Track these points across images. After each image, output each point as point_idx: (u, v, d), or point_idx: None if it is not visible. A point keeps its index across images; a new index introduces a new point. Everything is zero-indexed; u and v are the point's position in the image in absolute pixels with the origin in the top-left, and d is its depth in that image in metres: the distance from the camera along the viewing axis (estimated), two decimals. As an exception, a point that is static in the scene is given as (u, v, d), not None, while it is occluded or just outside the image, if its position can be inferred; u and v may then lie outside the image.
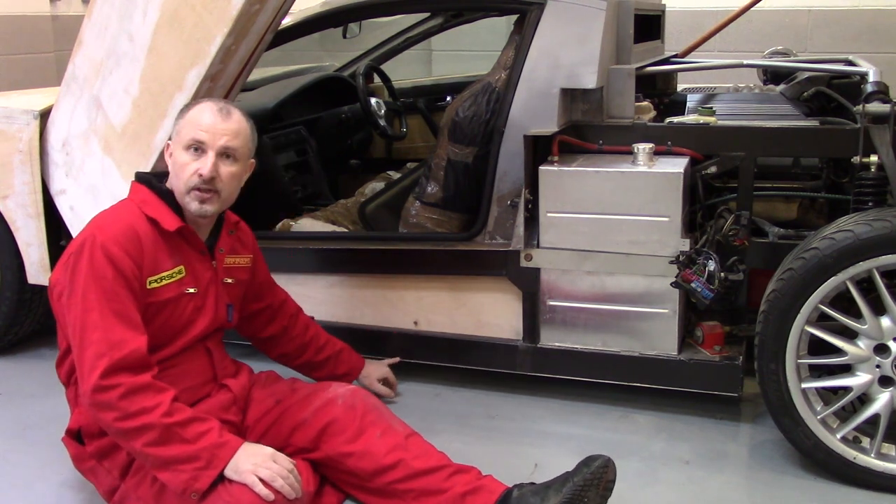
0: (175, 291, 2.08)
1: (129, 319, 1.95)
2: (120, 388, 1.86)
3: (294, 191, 3.58)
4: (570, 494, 1.98)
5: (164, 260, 2.06)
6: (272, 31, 2.55)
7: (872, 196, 2.38)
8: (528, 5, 2.69)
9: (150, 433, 1.86)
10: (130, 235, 2.00)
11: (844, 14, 5.04)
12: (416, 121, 4.13)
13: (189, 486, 1.86)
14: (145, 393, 1.88)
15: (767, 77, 3.64)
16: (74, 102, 2.71)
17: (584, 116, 2.72)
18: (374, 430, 2.12)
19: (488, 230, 2.70)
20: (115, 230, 2.00)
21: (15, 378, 3.03)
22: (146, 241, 2.03)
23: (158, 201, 2.10)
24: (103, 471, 2.09)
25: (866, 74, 2.62)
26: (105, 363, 1.87)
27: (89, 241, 1.97)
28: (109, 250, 1.96)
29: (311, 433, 2.15)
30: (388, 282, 2.88)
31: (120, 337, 1.91)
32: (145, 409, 1.86)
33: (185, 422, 1.89)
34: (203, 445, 1.88)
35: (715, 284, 2.42)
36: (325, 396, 2.21)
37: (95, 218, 2.08)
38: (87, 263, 1.95)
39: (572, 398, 2.78)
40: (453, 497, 2.02)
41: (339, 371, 2.61)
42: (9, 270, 3.06)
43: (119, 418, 1.86)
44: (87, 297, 1.93)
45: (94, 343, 1.90)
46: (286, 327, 2.51)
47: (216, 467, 1.87)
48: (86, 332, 1.91)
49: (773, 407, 2.32)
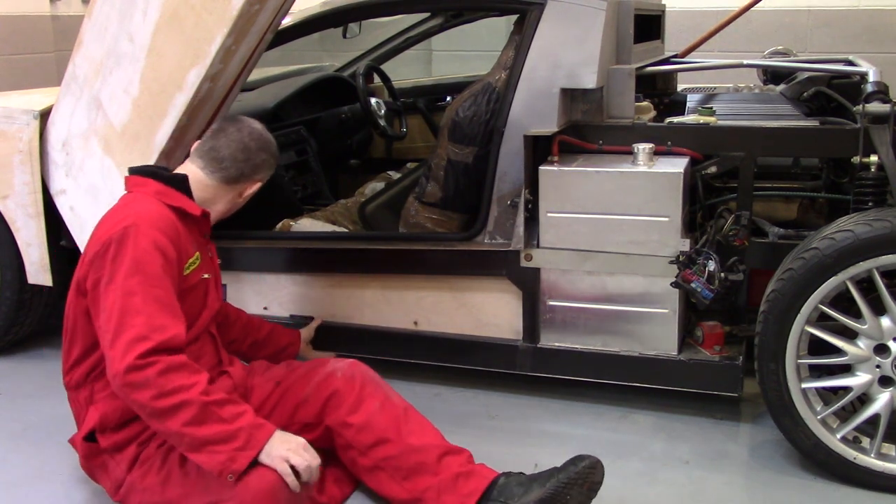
0: (197, 277, 2.14)
1: (171, 307, 1.97)
2: (158, 365, 1.86)
3: (294, 191, 3.58)
4: (553, 490, 2.01)
5: (190, 247, 2.11)
6: (272, 31, 2.55)
7: (872, 196, 2.38)
8: (528, 5, 2.69)
9: (187, 411, 1.84)
10: (169, 222, 2.04)
11: (844, 14, 5.04)
12: (416, 121, 4.13)
13: (226, 467, 1.85)
14: (182, 371, 1.88)
15: (767, 77, 3.64)
16: (74, 102, 2.71)
17: (584, 116, 2.71)
18: (373, 402, 2.17)
19: (488, 230, 2.70)
20: (155, 217, 2.02)
21: (15, 378, 3.04)
22: (178, 228, 2.07)
23: (173, 191, 2.13)
24: (113, 464, 2.10)
25: (866, 74, 2.62)
26: (146, 346, 1.86)
27: (132, 228, 1.98)
28: (155, 236, 1.98)
29: (315, 408, 2.20)
30: (388, 282, 2.88)
31: (161, 322, 1.91)
32: (183, 387, 1.86)
33: (222, 402, 1.89)
34: (240, 425, 1.88)
35: (715, 284, 2.42)
36: (323, 371, 2.25)
37: (124, 209, 2.07)
38: (131, 249, 1.95)
39: (572, 398, 2.78)
40: (447, 478, 2.06)
41: (283, 342, 2.64)
42: (9, 270, 3.06)
43: (156, 396, 1.85)
44: (129, 282, 1.93)
45: (135, 326, 1.89)
46: (227, 313, 2.54)
47: (254, 447, 1.87)
48: (126, 316, 1.90)
49: (773, 407, 2.32)
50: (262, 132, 2.26)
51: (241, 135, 2.21)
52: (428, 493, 2.07)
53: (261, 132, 2.26)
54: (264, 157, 2.24)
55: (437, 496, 2.06)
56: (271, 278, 3.01)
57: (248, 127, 2.24)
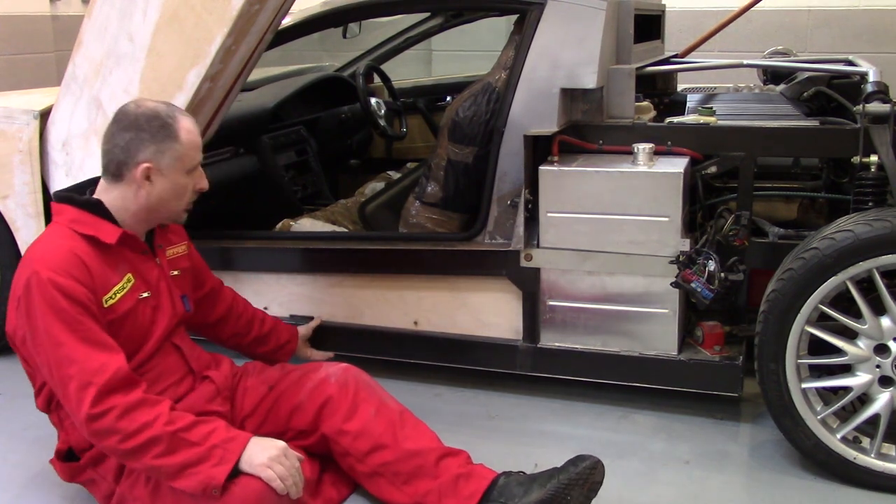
0: (131, 301, 2.04)
1: (101, 343, 1.91)
2: (115, 411, 1.84)
3: (294, 191, 3.58)
4: (554, 491, 2.00)
5: (111, 274, 2.01)
6: (272, 31, 2.55)
7: (872, 196, 2.38)
8: (528, 5, 2.69)
9: (157, 446, 1.84)
10: (73, 260, 1.93)
11: (844, 14, 5.04)
12: (416, 121, 4.13)
13: (207, 484, 1.84)
14: (141, 408, 1.86)
15: (767, 77, 3.64)
16: (74, 102, 2.71)
17: (584, 116, 2.71)
18: (368, 407, 2.16)
19: (488, 230, 2.70)
20: (56, 259, 1.92)
21: (15, 378, 3.02)
22: (89, 261, 1.96)
23: (89, 216, 2.01)
24: (99, 477, 2.09)
25: (866, 74, 2.62)
26: (92, 392, 1.83)
27: (34, 278, 1.89)
28: (56, 282, 1.88)
29: (309, 415, 2.18)
30: (388, 282, 2.88)
31: (98, 363, 1.86)
32: (146, 424, 1.84)
33: (190, 426, 1.88)
34: (213, 443, 1.87)
35: (715, 284, 2.42)
36: (317, 377, 2.23)
37: (29, 251, 1.99)
38: (38, 301, 1.88)
39: (572, 398, 2.78)
40: (447, 480, 2.06)
41: (283, 338, 2.62)
42: (9, 270, 3.06)
43: (122, 440, 1.84)
44: (50, 333, 1.87)
45: (73, 377, 1.85)
46: (230, 306, 2.51)
47: (229, 461, 1.86)
48: (62, 369, 1.86)
49: (773, 407, 2.32)
50: (130, 110, 2.02)
51: (109, 125, 2.03)
52: (429, 497, 2.06)
53: (126, 111, 2.02)
54: (130, 136, 1.98)
55: (438, 499, 2.05)
56: (271, 278, 3.01)
57: (118, 112, 2.04)
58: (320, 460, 2.25)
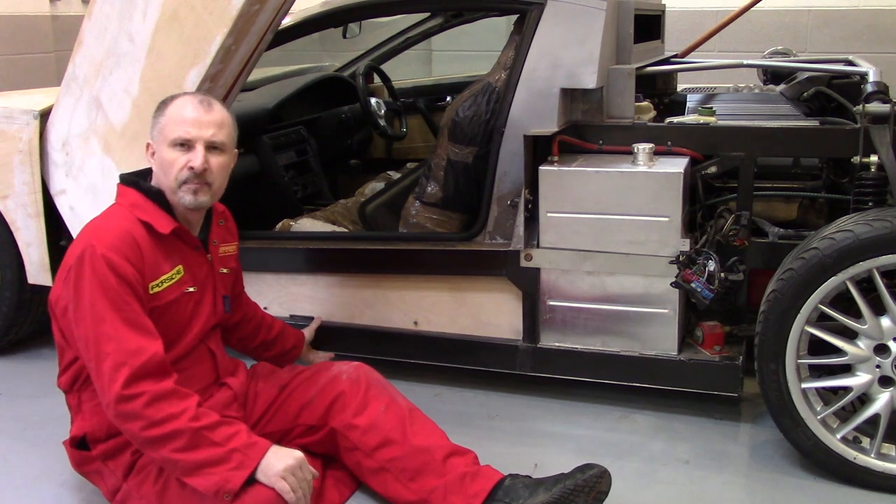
0: (176, 293, 2.07)
1: (142, 326, 1.92)
2: (144, 397, 1.84)
3: (294, 191, 3.58)
4: (559, 496, 2.00)
5: (162, 262, 2.04)
6: (272, 31, 2.55)
7: (872, 196, 2.38)
8: (528, 5, 2.69)
9: (179, 439, 1.84)
10: (128, 241, 1.97)
11: (844, 14, 5.04)
12: (416, 121, 4.13)
13: (221, 487, 1.84)
14: (170, 399, 1.86)
15: (767, 77, 3.64)
16: (74, 102, 2.71)
17: (584, 116, 2.71)
18: (379, 403, 2.17)
19: (488, 230, 2.70)
20: (112, 237, 1.96)
21: (15, 378, 3.03)
22: (144, 245, 2.00)
23: (149, 203, 2.06)
24: (108, 471, 2.09)
25: (866, 74, 2.62)
26: (126, 373, 1.84)
27: (88, 251, 1.92)
28: (110, 259, 1.91)
29: (319, 410, 2.19)
30: (388, 282, 2.88)
31: (136, 345, 1.88)
32: (172, 416, 1.85)
33: (213, 425, 1.88)
34: (234, 446, 1.87)
35: (715, 284, 2.42)
36: (328, 374, 2.24)
37: (88, 226, 2.03)
38: (89, 275, 1.91)
39: (572, 398, 2.78)
40: (453, 478, 2.06)
41: (289, 344, 2.62)
42: (9, 270, 3.06)
43: (146, 427, 1.84)
44: (95, 308, 1.89)
45: (110, 354, 1.87)
46: (245, 311, 2.52)
47: (248, 467, 1.86)
48: (100, 345, 1.88)
49: (773, 407, 2.32)
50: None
51: None
52: (434, 494, 2.06)
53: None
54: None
55: (443, 497, 2.05)
56: (271, 278, 3.01)
57: None
58: (322, 461, 2.25)
